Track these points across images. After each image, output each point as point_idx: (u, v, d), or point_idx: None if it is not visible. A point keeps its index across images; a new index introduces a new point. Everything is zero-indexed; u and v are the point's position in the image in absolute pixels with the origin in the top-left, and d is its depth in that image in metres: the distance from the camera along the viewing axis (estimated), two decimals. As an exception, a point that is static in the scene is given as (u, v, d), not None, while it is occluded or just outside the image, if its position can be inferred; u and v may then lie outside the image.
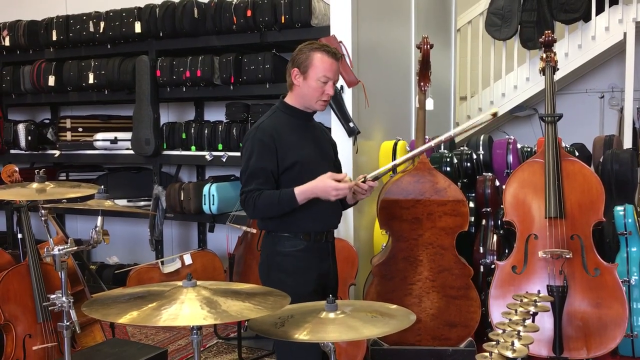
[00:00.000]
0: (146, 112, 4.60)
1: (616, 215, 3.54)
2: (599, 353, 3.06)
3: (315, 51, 2.33)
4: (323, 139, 2.51)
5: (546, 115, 3.28)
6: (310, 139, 2.41)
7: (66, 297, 1.92)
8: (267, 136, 2.29)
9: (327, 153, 2.48)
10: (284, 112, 2.40)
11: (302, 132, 2.38)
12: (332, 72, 2.33)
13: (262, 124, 2.36)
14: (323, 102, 2.37)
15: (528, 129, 6.49)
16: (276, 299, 1.74)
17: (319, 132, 2.51)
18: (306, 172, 2.30)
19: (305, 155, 2.34)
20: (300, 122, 2.40)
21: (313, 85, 2.32)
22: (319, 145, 2.45)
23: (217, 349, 3.92)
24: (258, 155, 2.28)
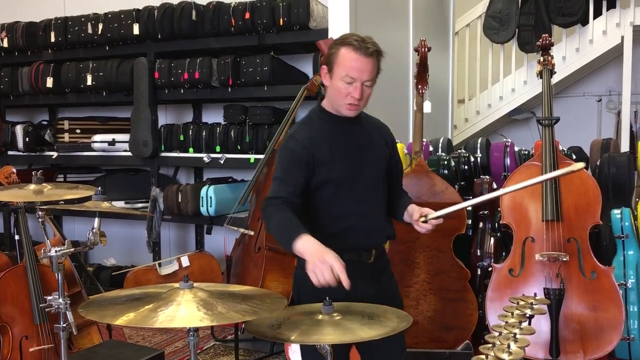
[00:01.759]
0: (144, 113, 4.60)
1: (613, 219, 3.54)
2: (595, 356, 3.06)
3: (343, 45, 2.01)
4: (371, 147, 2.16)
5: (543, 118, 3.29)
6: (349, 151, 2.09)
7: (63, 299, 1.92)
8: (300, 147, 2.03)
9: (371, 167, 2.14)
10: (319, 117, 2.12)
11: (339, 142, 2.08)
12: (356, 71, 1.99)
13: (295, 132, 2.11)
14: (349, 106, 2.04)
15: (525, 132, 6.51)
16: (273, 301, 1.74)
17: (366, 139, 2.15)
18: (340, 192, 2.06)
19: (339, 172, 2.05)
20: (338, 129, 2.09)
21: (337, 86, 2.02)
22: (362, 158, 2.12)
23: (214, 351, 3.91)
24: (289, 166, 2.04)
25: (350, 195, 2.07)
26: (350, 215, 2.08)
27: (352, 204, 2.08)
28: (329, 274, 1.72)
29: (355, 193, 2.08)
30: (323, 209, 2.07)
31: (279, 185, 2.02)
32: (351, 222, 2.08)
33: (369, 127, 2.19)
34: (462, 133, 6.41)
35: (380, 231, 2.18)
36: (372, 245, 2.15)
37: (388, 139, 2.25)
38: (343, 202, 2.07)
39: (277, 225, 1.95)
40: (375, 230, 2.16)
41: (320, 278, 1.72)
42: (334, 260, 1.74)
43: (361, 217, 2.09)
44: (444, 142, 4.42)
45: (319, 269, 1.73)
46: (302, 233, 1.85)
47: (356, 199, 2.08)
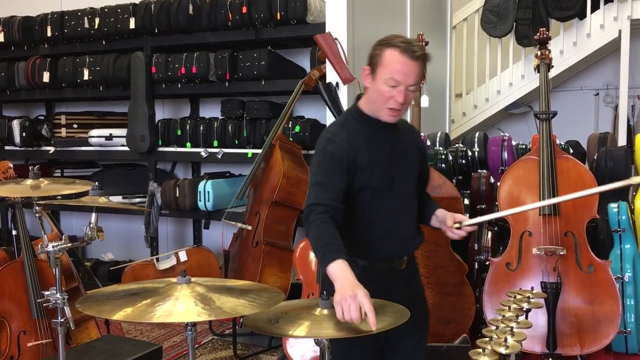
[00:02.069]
0: (141, 108, 4.59)
1: (610, 212, 3.55)
2: (592, 349, 3.07)
3: (389, 46, 1.91)
4: (407, 152, 2.09)
5: (541, 112, 3.29)
6: (387, 157, 2.01)
7: (60, 294, 1.92)
8: (340, 150, 1.94)
9: (407, 173, 2.08)
10: (356, 120, 2.03)
11: (377, 147, 2.00)
12: (402, 74, 1.88)
13: (334, 135, 2.00)
14: (390, 111, 1.94)
15: (523, 126, 6.51)
16: (271, 296, 1.74)
17: (402, 144, 2.08)
18: (377, 199, 1.99)
19: (378, 178, 1.99)
20: (376, 133, 2.01)
21: (380, 89, 1.92)
22: (399, 164, 2.05)
23: (212, 346, 3.92)
24: (329, 169, 1.94)
25: (386, 202, 2.00)
26: (386, 222, 2.01)
27: (388, 211, 2.01)
28: (356, 312, 1.60)
29: (392, 200, 2.01)
30: (359, 215, 1.99)
31: (320, 191, 1.91)
32: (386, 229, 2.01)
33: (403, 131, 2.11)
34: (459, 127, 6.41)
35: (414, 239, 2.12)
36: (405, 253, 2.09)
37: (419, 143, 2.20)
38: (379, 209, 2.00)
39: (315, 238, 1.85)
40: (409, 238, 2.10)
41: (346, 314, 1.61)
42: (365, 299, 1.62)
43: (396, 225, 2.03)
44: (442, 136, 4.42)
45: (348, 304, 1.61)
46: (339, 257, 1.75)
47: (392, 206, 2.02)
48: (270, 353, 3.76)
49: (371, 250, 1.98)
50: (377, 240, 2.00)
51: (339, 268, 1.73)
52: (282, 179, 3.69)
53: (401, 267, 2.06)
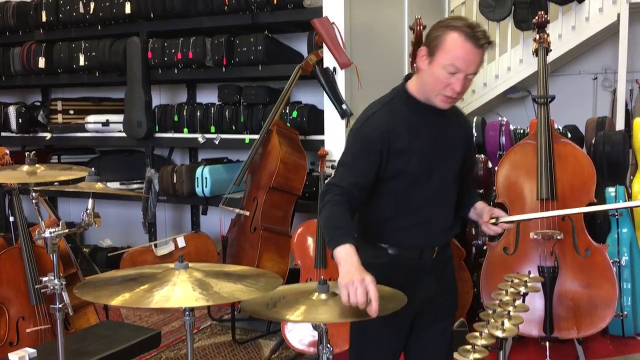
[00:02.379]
0: (138, 94, 4.57)
1: (607, 197, 3.56)
2: (589, 332, 3.09)
3: (452, 29, 1.77)
4: (452, 141, 1.98)
5: (539, 96, 3.28)
6: (429, 144, 1.90)
7: (58, 280, 1.92)
8: (376, 133, 1.85)
9: (448, 163, 1.97)
10: (402, 101, 1.91)
11: (420, 133, 1.89)
12: (465, 62, 1.77)
13: (374, 115, 1.90)
14: (444, 98, 1.84)
15: (521, 110, 6.49)
16: (268, 281, 1.74)
17: (448, 132, 1.97)
18: (413, 187, 1.90)
19: (415, 166, 1.88)
20: (422, 118, 1.90)
21: (437, 74, 1.80)
22: (441, 153, 1.94)
23: (211, 331, 3.94)
24: (359, 152, 1.86)
25: (423, 191, 1.90)
26: (419, 212, 1.92)
27: (423, 200, 1.92)
28: (362, 296, 1.58)
29: (429, 189, 1.91)
30: (392, 202, 1.91)
31: (343, 173, 1.85)
32: (419, 219, 1.93)
33: (451, 118, 1.98)
34: (457, 112, 6.38)
35: (448, 231, 2.03)
36: (438, 243, 1.99)
37: (466, 131, 2.09)
38: (414, 198, 1.91)
39: (326, 219, 1.80)
40: (443, 229, 2.00)
41: (352, 297, 1.58)
42: (372, 285, 1.60)
43: (431, 215, 1.94)
44: (440, 121, 4.41)
45: (355, 287, 1.59)
46: (347, 241, 1.70)
47: (429, 195, 1.93)
48: (268, 338, 3.77)
49: (402, 239, 1.91)
50: (409, 230, 1.92)
51: (345, 252, 1.69)
52: (280, 165, 3.68)
53: (432, 257, 1.97)
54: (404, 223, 1.92)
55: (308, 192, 3.97)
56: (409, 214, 1.92)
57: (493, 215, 2.00)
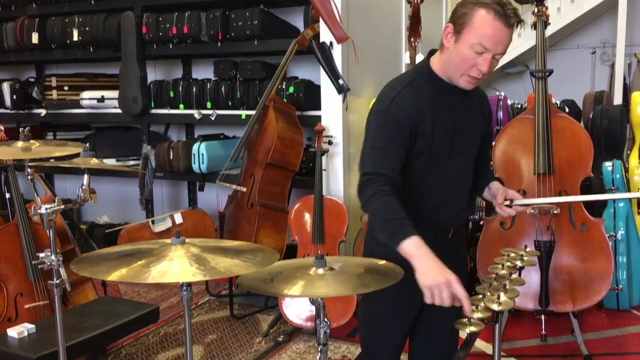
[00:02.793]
0: (132, 70, 4.53)
1: (604, 171, 3.56)
2: (584, 306, 3.12)
3: (480, 6, 1.68)
4: (472, 122, 1.93)
5: (537, 70, 3.26)
6: (450, 125, 1.85)
7: (55, 256, 1.91)
8: (405, 115, 1.77)
9: (468, 144, 1.92)
10: (425, 80, 1.84)
11: (442, 113, 1.83)
12: (493, 42, 1.69)
13: (399, 95, 1.81)
14: (469, 79, 1.76)
15: (519, 85, 6.47)
16: (265, 256, 1.74)
17: (469, 113, 1.91)
18: (432, 169, 1.85)
19: (436, 148, 1.82)
20: (445, 98, 1.84)
21: (463, 53, 1.72)
22: (461, 134, 1.88)
23: (209, 306, 3.96)
24: (392, 134, 1.78)
25: (442, 172, 1.86)
26: (438, 193, 1.89)
27: (443, 181, 1.88)
28: (448, 300, 1.56)
29: (448, 171, 1.87)
30: (410, 186, 1.85)
31: (380, 159, 1.77)
32: (437, 200, 1.89)
33: (472, 97, 1.92)
34: (455, 87, 6.36)
35: (464, 212, 1.99)
36: (454, 224, 1.96)
37: (486, 111, 2.01)
38: (433, 180, 1.87)
39: (379, 213, 1.74)
40: (459, 211, 1.96)
41: (437, 299, 1.56)
42: (458, 286, 1.57)
43: (449, 197, 1.91)
44: (437, 96, 4.39)
45: (439, 290, 1.56)
46: (412, 233, 1.64)
47: (447, 176, 1.88)
48: (266, 313, 3.80)
49: (418, 219, 1.80)
50: (427, 211, 1.88)
51: (415, 245, 1.63)
52: (276, 141, 3.67)
53: (447, 237, 1.95)
54: (421, 205, 1.87)
55: (305, 168, 3.96)
56: (428, 197, 1.88)
57: (507, 197, 1.95)
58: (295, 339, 3.42)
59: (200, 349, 3.33)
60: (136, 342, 3.43)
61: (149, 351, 3.31)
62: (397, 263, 1.70)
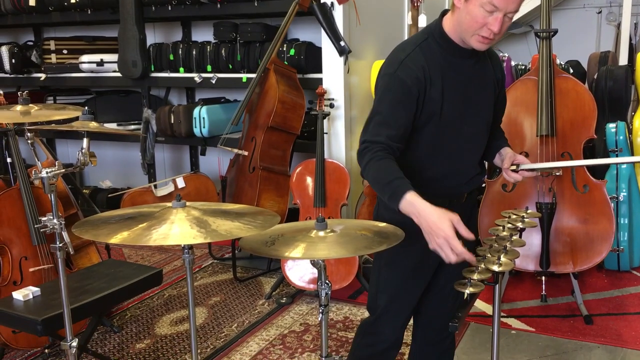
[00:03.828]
0: (131, 32, 4.47)
1: (608, 132, 3.54)
2: (584, 267, 3.14)
3: None
4: (485, 87, 1.88)
5: (541, 30, 3.21)
6: (462, 90, 1.81)
7: (57, 219, 1.92)
8: (413, 79, 1.73)
9: (481, 110, 1.88)
10: (437, 42, 1.79)
11: (454, 77, 1.79)
12: (504, 0, 1.64)
13: (408, 57, 1.76)
14: (481, 39, 1.71)
15: (523, 46, 6.38)
16: (266, 218, 1.75)
17: (482, 77, 1.87)
18: (444, 135, 1.80)
19: (448, 113, 1.78)
20: (457, 61, 1.80)
21: (473, 12, 1.67)
22: (474, 99, 1.84)
23: (212, 269, 4.00)
24: (396, 100, 1.74)
25: (455, 138, 1.82)
26: (450, 159, 1.85)
27: (455, 147, 1.85)
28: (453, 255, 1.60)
29: (461, 136, 1.83)
30: (422, 151, 1.82)
31: (379, 127, 1.74)
32: (450, 166, 1.86)
33: (484, 59, 1.88)
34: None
35: (477, 177, 1.95)
36: (466, 190, 1.93)
37: (499, 74, 1.95)
38: (445, 145, 1.83)
39: (376, 176, 1.72)
40: (472, 176, 1.93)
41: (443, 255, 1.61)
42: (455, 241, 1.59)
43: (461, 163, 1.88)
44: (440, 57, 4.33)
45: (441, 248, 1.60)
46: (407, 189, 1.64)
47: (460, 142, 1.85)
48: (269, 275, 3.84)
49: (432, 186, 1.81)
50: (440, 177, 1.85)
51: (410, 204, 1.63)
52: (278, 104, 3.64)
53: (461, 202, 1.92)
54: (436, 172, 1.85)
55: (306, 132, 3.94)
56: (442, 163, 1.85)
57: (515, 162, 1.92)
58: (297, 300, 3.46)
59: (204, 310, 3.37)
60: (141, 304, 3.48)
61: (153, 313, 3.36)
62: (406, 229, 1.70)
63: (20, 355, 2.93)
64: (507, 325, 3.05)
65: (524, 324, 3.07)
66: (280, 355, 2.86)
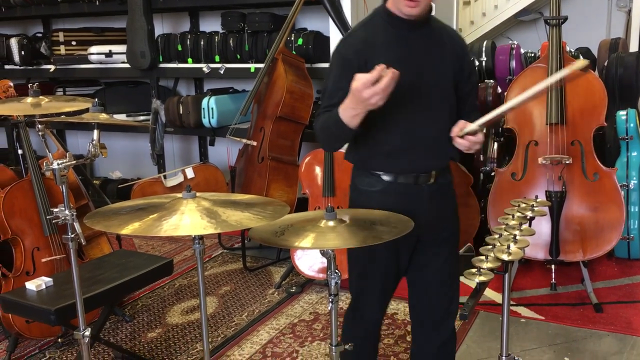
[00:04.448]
0: (139, 23, 4.48)
1: (618, 120, 3.52)
2: (594, 255, 3.13)
3: None
4: (438, 57, 1.88)
5: (551, 17, 3.18)
6: (410, 60, 1.82)
7: (69, 210, 1.94)
8: (352, 52, 1.79)
9: (435, 79, 1.87)
10: (382, 19, 1.85)
11: (399, 48, 1.81)
12: None
13: (350, 34, 1.87)
14: (408, 3, 1.75)
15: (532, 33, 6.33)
16: (275, 209, 1.75)
17: (433, 47, 1.87)
18: (397, 106, 1.77)
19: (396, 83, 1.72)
20: (401, 33, 1.82)
21: None
22: (425, 69, 1.85)
23: (222, 259, 4.02)
24: (338, 74, 1.81)
25: (409, 110, 1.83)
26: (408, 132, 1.86)
27: (411, 120, 1.85)
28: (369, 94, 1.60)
29: (415, 108, 1.84)
30: (378, 125, 1.83)
31: (327, 100, 1.83)
32: (409, 139, 1.86)
33: (439, 34, 1.89)
34: (467, 36, 6.24)
35: (441, 152, 1.91)
36: (430, 166, 1.90)
37: (459, 50, 1.94)
38: (401, 118, 1.84)
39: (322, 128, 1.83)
40: (437, 151, 1.90)
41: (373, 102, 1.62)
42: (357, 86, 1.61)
43: (421, 136, 1.87)
44: (448, 46, 4.31)
45: (365, 100, 1.62)
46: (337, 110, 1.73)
47: (416, 115, 1.85)
48: (278, 265, 3.85)
49: (394, 163, 1.86)
50: (401, 153, 1.86)
51: (342, 110, 1.71)
52: (286, 94, 3.64)
53: (428, 182, 1.90)
54: (395, 145, 1.86)
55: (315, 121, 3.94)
56: (398, 136, 1.86)
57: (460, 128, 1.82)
58: (307, 290, 3.48)
59: (215, 300, 3.39)
60: (152, 294, 3.51)
61: (164, 303, 3.39)
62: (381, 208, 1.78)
63: (34, 345, 2.97)
64: (517, 314, 3.05)
65: (533, 312, 3.07)
66: (290, 344, 2.88)
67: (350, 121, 1.70)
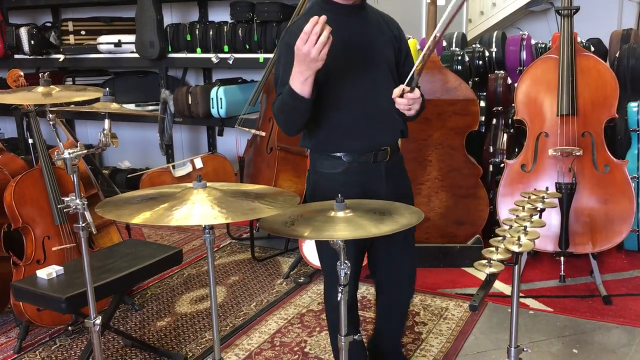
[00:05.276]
0: (148, 12, 4.48)
1: (629, 112, 3.49)
2: (604, 247, 3.12)
3: None
4: (377, 39, 2.03)
5: (562, 8, 3.15)
6: (350, 43, 1.97)
7: (80, 199, 1.95)
8: (294, 38, 1.84)
9: (376, 60, 2.02)
10: (320, 6, 2.00)
11: (339, 33, 1.88)
12: None
13: (293, 24, 2.01)
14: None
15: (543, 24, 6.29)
16: (285, 199, 1.76)
17: (371, 30, 2.03)
18: (344, 87, 1.95)
19: (340, 65, 1.93)
20: (340, 19, 1.94)
21: None
22: (366, 50, 2.00)
23: (231, 249, 4.03)
24: (286, 61, 1.91)
25: (356, 89, 1.98)
26: (360, 111, 2.00)
27: (360, 98, 1.99)
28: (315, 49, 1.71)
29: (361, 87, 1.99)
30: (329, 105, 1.97)
31: (280, 88, 1.95)
32: (362, 118, 2.00)
33: (375, 19, 2.07)
34: (477, 27, 6.20)
35: (391, 127, 2.07)
36: (386, 142, 2.06)
37: (396, 32, 2.11)
38: (350, 97, 1.98)
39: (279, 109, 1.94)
40: (386, 126, 2.05)
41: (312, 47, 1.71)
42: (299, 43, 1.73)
43: (370, 111, 2.01)
44: (458, 36, 4.29)
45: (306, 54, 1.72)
46: None
47: (363, 93, 2.00)
48: (287, 255, 3.86)
49: (352, 143, 2.01)
50: (356, 131, 2.00)
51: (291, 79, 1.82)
52: (295, 84, 3.63)
53: (385, 159, 2.06)
54: (348, 124, 2.00)
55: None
56: (350, 114, 1.99)
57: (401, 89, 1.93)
58: (315, 280, 3.49)
59: (223, 289, 3.41)
60: (161, 283, 3.53)
61: (173, 292, 3.41)
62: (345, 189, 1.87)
63: (44, 332, 2.99)
64: (525, 306, 3.05)
65: (542, 304, 3.07)
66: (298, 334, 2.89)
67: (302, 89, 1.81)
